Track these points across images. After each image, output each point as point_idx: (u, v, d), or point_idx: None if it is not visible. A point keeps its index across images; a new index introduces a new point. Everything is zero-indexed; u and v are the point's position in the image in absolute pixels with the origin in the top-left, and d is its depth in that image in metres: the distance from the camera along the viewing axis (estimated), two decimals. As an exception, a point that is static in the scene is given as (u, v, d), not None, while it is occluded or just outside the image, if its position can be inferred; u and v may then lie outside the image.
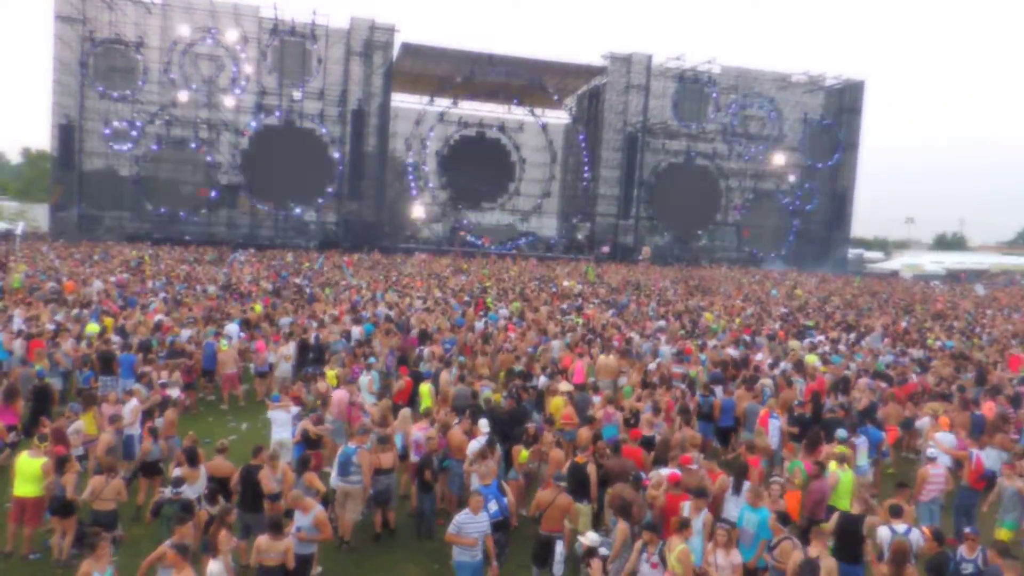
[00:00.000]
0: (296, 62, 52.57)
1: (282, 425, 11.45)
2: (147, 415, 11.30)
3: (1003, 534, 9.49)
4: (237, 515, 8.27)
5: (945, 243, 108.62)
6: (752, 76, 60.75)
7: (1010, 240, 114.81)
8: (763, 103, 61.05)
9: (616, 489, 9.04)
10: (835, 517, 8.69)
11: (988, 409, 13.74)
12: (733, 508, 8.83)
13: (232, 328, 17.67)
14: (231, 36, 51.00)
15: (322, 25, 52.18)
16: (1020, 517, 9.66)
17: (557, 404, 12.79)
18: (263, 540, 7.45)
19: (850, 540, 8.36)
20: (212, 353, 15.89)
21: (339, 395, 12.57)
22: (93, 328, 16.60)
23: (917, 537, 8.19)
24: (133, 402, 11.40)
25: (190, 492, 8.75)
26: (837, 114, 62.53)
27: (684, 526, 7.79)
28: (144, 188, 50.83)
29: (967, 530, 8.07)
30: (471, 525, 7.92)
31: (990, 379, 16.45)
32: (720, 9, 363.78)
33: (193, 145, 51.10)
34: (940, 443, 11.58)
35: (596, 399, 12.82)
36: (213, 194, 51.59)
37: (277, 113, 52.66)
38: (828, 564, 7.37)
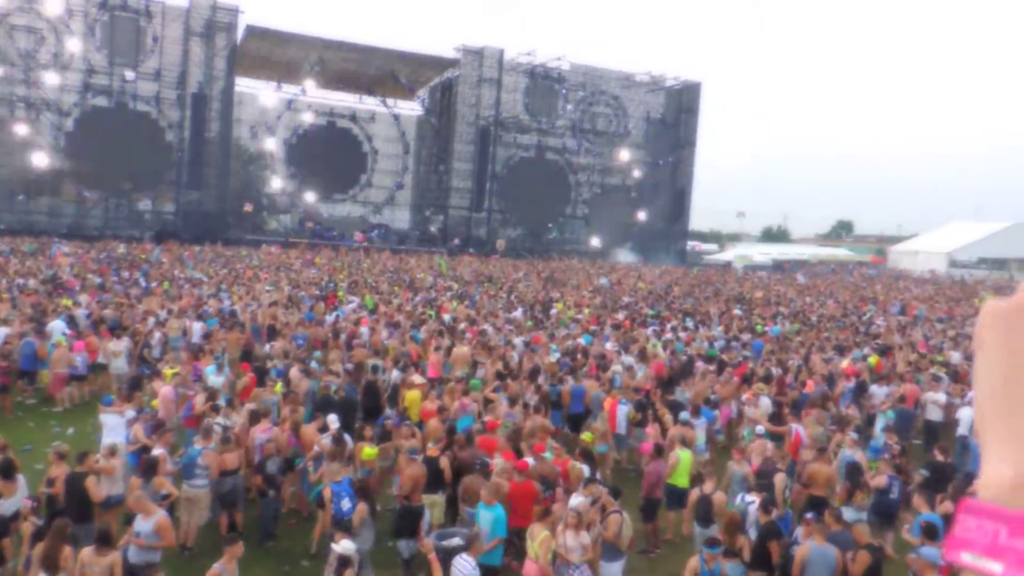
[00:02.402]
0: (128, 40, 48.78)
1: (114, 429, 10.69)
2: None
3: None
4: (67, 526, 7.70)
5: (771, 236, 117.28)
6: (599, 74, 62.90)
7: (826, 233, 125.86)
8: (609, 101, 63.40)
9: (467, 481, 9.21)
10: (694, 495, 9.47)
11: (809, 387, 15.08)
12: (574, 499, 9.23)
13: (57, 325, 16.30)
14: (53, 8, 46.58)
15: (158, 1, 48.79)
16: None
17: (412, 397, 12.80)
18: (87, 553, 6.97)
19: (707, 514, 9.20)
20: (32, 353, 14.64)
21: (166, 392, 11.94)
22: None
23: (754, 508, 8.93)
24: None
25: (7, 507, 8.05)
26: (676, 113, 65.95)
27: (546, 513, 8.07)
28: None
29: (808, 515, 8.63)
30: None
31: (811, 361, 18.01)
32: (568, 8, 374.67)
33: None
34: (760, 410, 12.82)
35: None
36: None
37: (108, 95, 48.81)
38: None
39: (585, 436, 11.23)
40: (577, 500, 8.64)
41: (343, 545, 7.25)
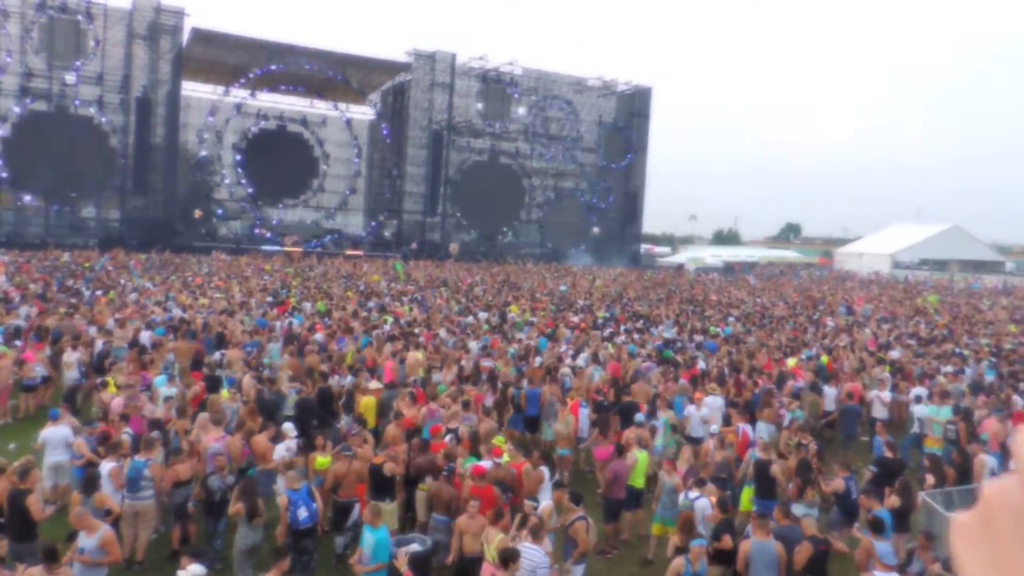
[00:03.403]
0: (68, 42, 47.35)
1: (57, 447, 10.32)
2: None
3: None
4: (7, 546, 7.43)
5: (722, 238, 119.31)
6: (551, 79, 63.27)
7: (775, 235, 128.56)
8: (561, 105, 63.80)
9: (434, 488, 9.20)
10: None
11: (757, 387, 15.34)
12: (547, 497, 9.26)
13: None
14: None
15: (99, 3, 47.48)
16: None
17: (367, 403, 12.67)
18: (35, 572, 6.75)
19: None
20: (-30, 366, 14.11)
21: (116, 404, 11.64)
22: None
23: (704, 505, 9.05)
24: None
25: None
26: (628, 118, 66.66)
27: (499, 517, 8.07)
28: None
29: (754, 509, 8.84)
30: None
31: (757, 361, 18.34)
32: (520, 12, 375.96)
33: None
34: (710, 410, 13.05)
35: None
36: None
37: (48, 99, 47.35)
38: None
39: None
40: (542, 504, 8.67)
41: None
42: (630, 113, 66.66)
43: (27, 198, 47.29)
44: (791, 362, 18.17)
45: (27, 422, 13.68)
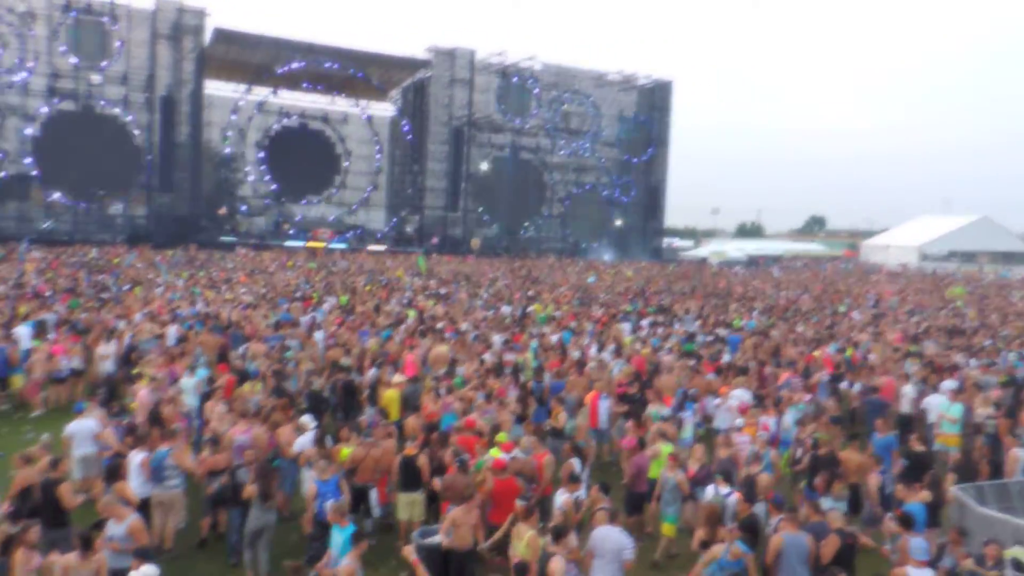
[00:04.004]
0: (94, 43, 48.13)
1: (85, 439, 10.45)
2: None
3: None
4: (40, 532, 7.54)
5: (746, 231, 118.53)
6: (571, 74, 63.09)
7: (800, 228, 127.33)
8: (582, 100, 63.58)
9: (448, 479, 9.16)
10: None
11: (782, 380, 15.19)
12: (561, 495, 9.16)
13: (24, 331, 15.99)
14: (15, 11, 45.76)
15: (123, 4, 48.15)
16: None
17: (390, 396, 12.72)
18: (70, 559, 6.84)
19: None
20: (3, 359, 14.39)
21: (144, 395, 11.78)
22: None
23: (735, 502, 8.97)
24: None
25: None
26: (649, 111, 66.32)
27: (531, 512, 8.01)
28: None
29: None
30: None
31: (783, 353, 18.16)
32: (538, 7, 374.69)
33: None
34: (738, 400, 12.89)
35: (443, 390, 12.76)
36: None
37: (75, 98, 48.04)
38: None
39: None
40: (562, 498, 8.62)
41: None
42: (651, 107, 66.32)
43: (56, 196, 47.96)
44: (817, 355, 17.98)
45: (59, 413, 13.86)
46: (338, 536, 7.59)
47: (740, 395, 13.60)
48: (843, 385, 15.74)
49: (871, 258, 76.89)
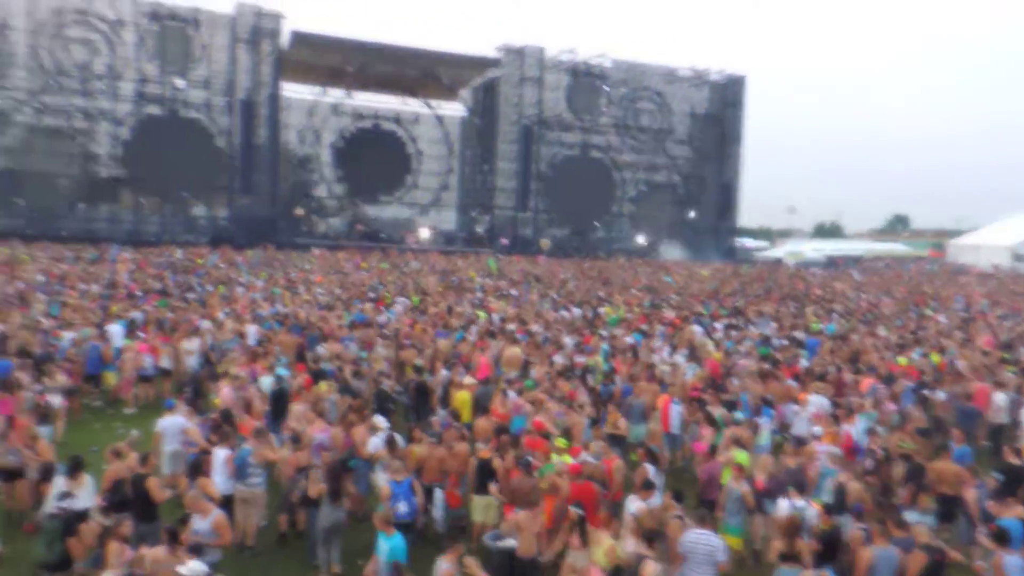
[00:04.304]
0: (178, 49, 50.06)
1: (174, 436, 10.88)
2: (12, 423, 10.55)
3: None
4: (131, 526, 7.89)
5: (824, 231, 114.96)
6: (641, 70, 62.35)
7: (882, 227, 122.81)
8: (652, 96, 62.78)
9: (515, 483, 9.14)
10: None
11: (864, 386, 14.67)
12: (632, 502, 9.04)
13: (116, 329, 16.77)
14: (106, 20, 48.08)
15: (205, 10, 49.95)
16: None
17: (462, 398, 12.82)
18: (159, 552, 7.12)
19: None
20: (97, 356, 15.11)
21: (226, 394, 12.17)
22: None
23: (812, 513, 8.72)
24: None
25: (81, 504, 8.29)
26: (721, 108, 65.02)
27: (610, 521, 7.96)
28: (13, 181, 47.21)
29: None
30: None
31: (863, 359, 17.54)
32: (608, 2, 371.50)
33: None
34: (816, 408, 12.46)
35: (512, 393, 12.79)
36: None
37: (160, 103, 50.14)
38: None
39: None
40: (635, 505, 8.53)
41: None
42: (723, 103, 65.00)
43: (143, 198, 50.06)
44: (901, 360, 17.31)
45: (148, 410, 14.49)
46: (384, 544, 7.63)
47: (818, 402, 13.21)
48: (929, 393, 15.11)
49: (959, 259, 73.42)
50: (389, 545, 7.58)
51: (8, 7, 46.52)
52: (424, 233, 57.65)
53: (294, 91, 59.03)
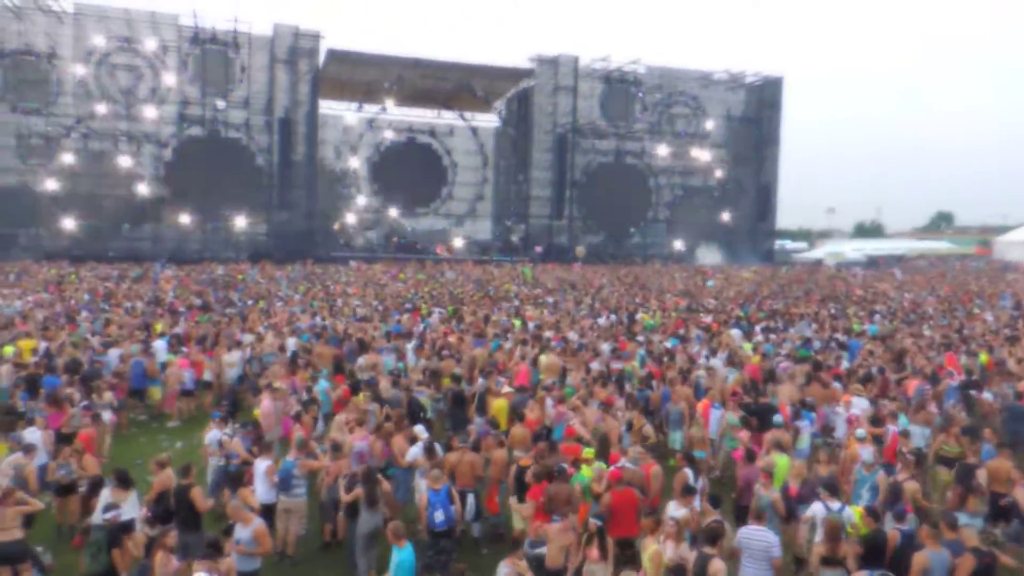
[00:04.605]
0: (219, 71, 51.31)
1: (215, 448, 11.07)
2: (66, 439, 10.87)
3: None
4: (176, 536, 8.06)
5: (864, 231, 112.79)
6: (675, 75, 62.03)
7: (924, 225, 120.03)
8: (687, 101, 62.39)
9: (552, 489, 9.09)
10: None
11: (910, 388, 14.36)
12: (674, 507, 8.93)
13: (160, 344, 17.17)
14: (149, 45, 49.49)
15: (244, 33, 51.08)
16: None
17: (500, 406, 12.84)
18: (203, 563, 7.24)
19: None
20: (142, 371, 15.48)
21: (267, 406, 12.36)
22: (8, 350, 15.93)
23: (849, 515, 8.56)
24: (35, 430, 10.82)
25: (126, 515, 8.50)
26: (758, 110, 64.37)
27: (655, 527, 7.90)
28: (62, 204, 48.76)
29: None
30: None
31: (908, 359, 17.16)
32: (641, 8, 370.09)
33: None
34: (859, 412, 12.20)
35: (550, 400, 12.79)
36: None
37: (202, 124, 51.37)
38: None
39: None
40: (679, 511, 8.45)
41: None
42: (760, 105, 64.34)
43: (185, 217, 51.23)
44: (946, 360, 16.90)
45: (192, 424, 14.81)
46: (396, 556, 7.62)
47: (861, 404, 12.97)
48: (976, 392, 14.72)
49: (1006, 256, 71.43)
50: (399, 558, 7.58)
51: (57, 37, 48.17)
52: (456, 243, 58.00)
53: (331, 107, 60.02)
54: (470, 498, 9.80)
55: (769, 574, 7.72)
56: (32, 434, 10.66)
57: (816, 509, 8.62)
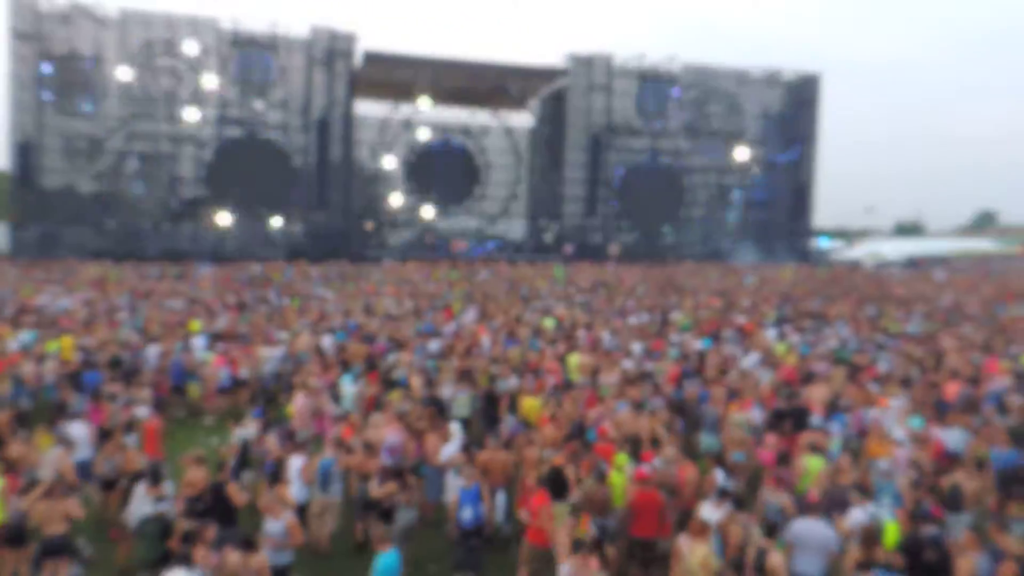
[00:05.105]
0: (258, 73, 52.19)
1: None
2: (107, 434, 11.14)
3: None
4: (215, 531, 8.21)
5: (904, 230, 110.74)
6: (711, 73, 61.44)
7: (967, 225, 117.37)
8: (723, 99, 61.76)
9: (589, 490, 9.07)
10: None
11: (951, 391, 14.08)
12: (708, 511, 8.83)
13: (198, 342, 17.51)
14: (190, 49, 50.46)
15: (282, 35, 51.91)
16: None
17: (531, 405, 12.88)
18: (235, 556, 7.38)
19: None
20: (181, 369, 15.79)
21: (301, 404, 12.53)
22: (52, 346, 16.37)
23: (884, 518, 8.45)
24: (79, 425, 11.11)
25: (170, 508, 8.72)
26: (795, 107, 63.47)
27: (703, 529, 7.75)
28: (105, 204, 49.95)
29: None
30: None
31: (948, 362, 16.82)
32: (677, 5, 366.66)
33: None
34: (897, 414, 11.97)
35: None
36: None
37: (241, 125, 52.24)
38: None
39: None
40: (712, 514, 8.37)
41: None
42: (797, 102, 63.43)
43: (224, 217, 52.10)
44: (989, 362, 16.54)
45: (228, 420, 15.05)
46: (379, 561, 7.55)
47: (899, 406, 12.74)
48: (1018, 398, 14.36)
49: (1054, 255, 69.62)
50: (383, 564, 7.49)
51: (101, 41, 49.37)
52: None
53: (366, 108, 60.59)
54: (500, 496, 9.83)
55: (823, 569, 7.59)
56: (76, 429, 10.95)
57: (857, 516, 8.45)
